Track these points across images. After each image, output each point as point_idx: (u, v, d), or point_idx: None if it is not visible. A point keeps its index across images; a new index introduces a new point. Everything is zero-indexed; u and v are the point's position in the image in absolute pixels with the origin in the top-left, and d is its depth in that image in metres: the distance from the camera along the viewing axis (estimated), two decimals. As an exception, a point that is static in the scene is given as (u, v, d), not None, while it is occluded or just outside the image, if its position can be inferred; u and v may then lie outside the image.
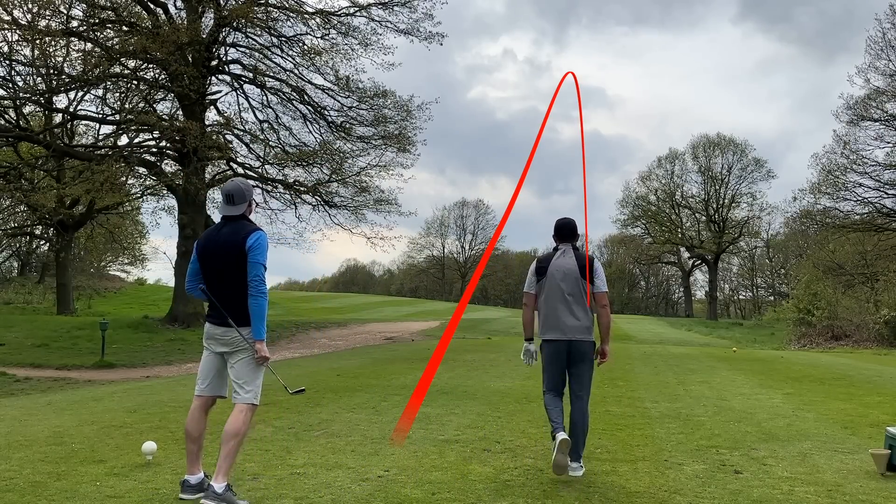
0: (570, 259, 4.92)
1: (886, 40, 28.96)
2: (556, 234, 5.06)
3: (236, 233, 4.10)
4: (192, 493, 3.97)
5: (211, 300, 4.14)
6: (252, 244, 4.03)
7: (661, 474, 4.83)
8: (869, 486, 4.52)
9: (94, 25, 21.47)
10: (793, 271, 48.31)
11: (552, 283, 4.89)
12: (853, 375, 11.87)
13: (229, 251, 4.07)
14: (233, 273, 4.05)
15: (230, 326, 4.06)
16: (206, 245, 4.20)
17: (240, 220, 4.18)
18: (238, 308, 4.05)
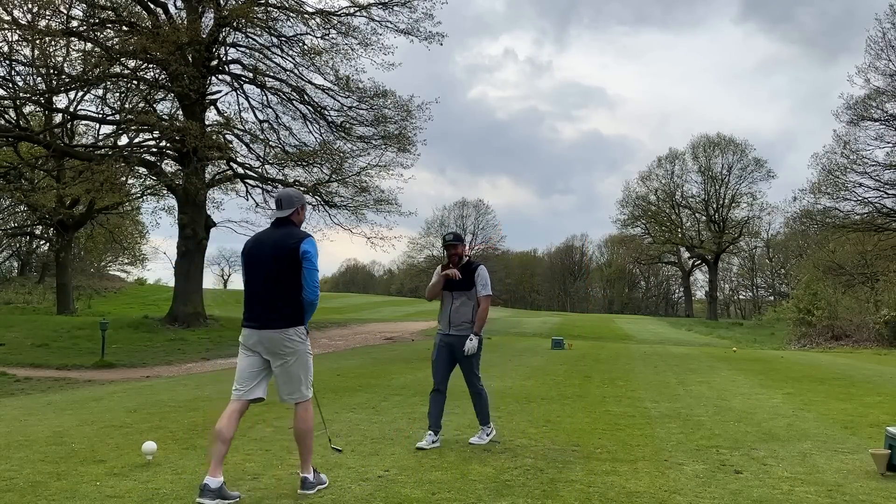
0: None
1: (886, 40, 28.96)
2: None
3: (287, 238, 4.20)
4: (212, 497, 3.89)
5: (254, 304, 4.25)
6: (306, 250, 4.16)
7: (661, 474, 4.83)
8: (869, 486, 4.52)
9: (94, 25, 21.47)
10: (793, 271, 48.33)
11: None
12: (853, 375, 11.87)
13: (280, 255, 4.16)
14: (283, 277, 4.15)
15: (277, 329, 4.15)
16: (253, 250, 4.29)
17: (288, 226, 4.30)
18: (286, 310, 4.16)
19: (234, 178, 25.77)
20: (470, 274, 5.74)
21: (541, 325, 33.83)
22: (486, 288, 5.75)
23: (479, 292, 5.73)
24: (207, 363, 16.14)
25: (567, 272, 77.37)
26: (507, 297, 75.57)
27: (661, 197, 57.02)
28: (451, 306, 5.69)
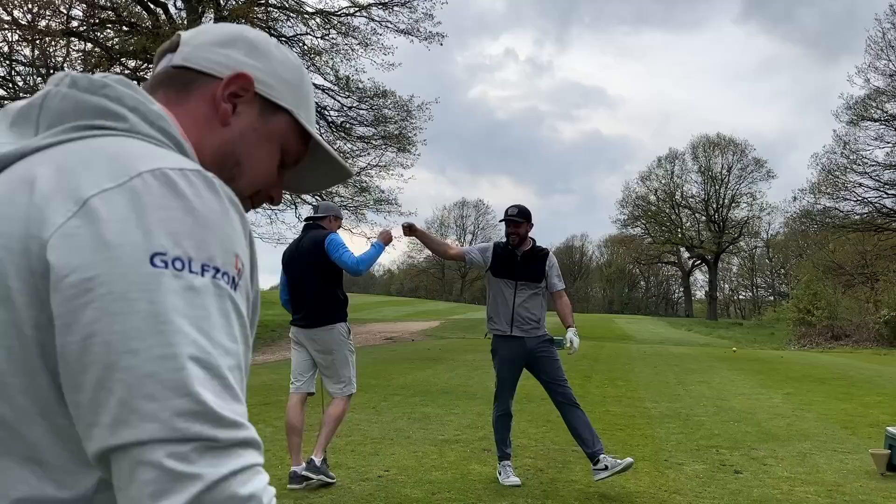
0: None
1: (886, 40, 28.99)
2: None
3: (316, 237, 4.51)
4: (299, 482, 4.26)
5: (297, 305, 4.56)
6: (331, 239, 4.42)
7: (660, 474, 4.84)
8: (869, 486, 4.54)
9: (94, 25, 21.48)
10: (793, 271, 48.38)
11: None
12: (853, 375, 11.89)
13: (306, 257, 4.47)
14: (311, 276, 4.44)
15: (320, 326, 4.41)
16: (292, 254, 4.64)
17: (318, 229, 4.61)
18: (322, 308, 4.42)
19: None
20: (539, 262, 4.67)
21: (540, 325, 33.75)
22: (562, 281, 4.80)
23: (553, 286, 4.75)
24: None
25: (567, 272, 77.45)
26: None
27: (661, 197, 57.07)
28: (514, 301, 4.60)
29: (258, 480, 0.61)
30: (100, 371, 0.58)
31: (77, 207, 0.61)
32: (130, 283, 0.59)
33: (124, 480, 0.58)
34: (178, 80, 0.81)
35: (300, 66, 0.88)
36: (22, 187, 0.64)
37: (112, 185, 0.62)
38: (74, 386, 0.60)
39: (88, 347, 0.59)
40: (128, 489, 0.58)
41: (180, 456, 0.57)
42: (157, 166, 0.65)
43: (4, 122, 0.73)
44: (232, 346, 0.63)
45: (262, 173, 0.84)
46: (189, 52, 0.82)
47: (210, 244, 0.64)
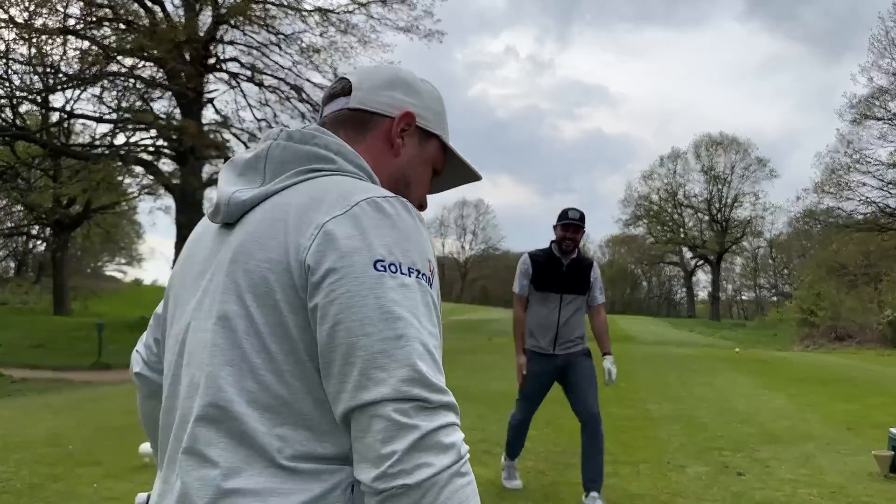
0: None
1: (889, 39, 28.90)
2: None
3: None
4: None
5: None
6: None
7: (663, 476, 4.78)
8: (872, 488, 4.48)
9: (91, 24, 21.42)
10: (796, 271, 48.28)
11: None
12: (856, 376, 11.83)
13: None
14: None
15: None
16: None
17: None
18: None
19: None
20: (584, 272, 4.27)
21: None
22: (603, 295, 4.40)
23: (595, 300, 4.37)
24: (206, 363, 16.10)
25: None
26: (508, 298, 75.45)
27: (664, 196, 57.05)
28: (560, 316, 4.19)
29: (457, 435, 0.81)
30: (344, 350, 0.81)
31: (317, 231, 0.85)
32: (361, 284, 0.82)
33: (361, 431, 0.80)
34: (356, 120, 1.03)
35: (440, 95, 1.13)
36: (276, 225, 0.88)
37: (339, 212, 0.86)
38: (327, 364, 0.83)
39: (335, 333, 0.81)
40: (364, 438, 0.79)
41: (403, 412, 0.78)
42: (369, 196, 0.88)
43: (233, 173, 0.97)
44: (434, 330, 0.84)
45: (423, 189, 1.07)
46: (362, 96, 1.03)
47: (412, 252, 0.86)
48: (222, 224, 0.96)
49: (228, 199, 0.93)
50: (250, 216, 0.91)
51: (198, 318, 0.91)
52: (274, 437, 0.84)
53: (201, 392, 0.86)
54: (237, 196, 0.93)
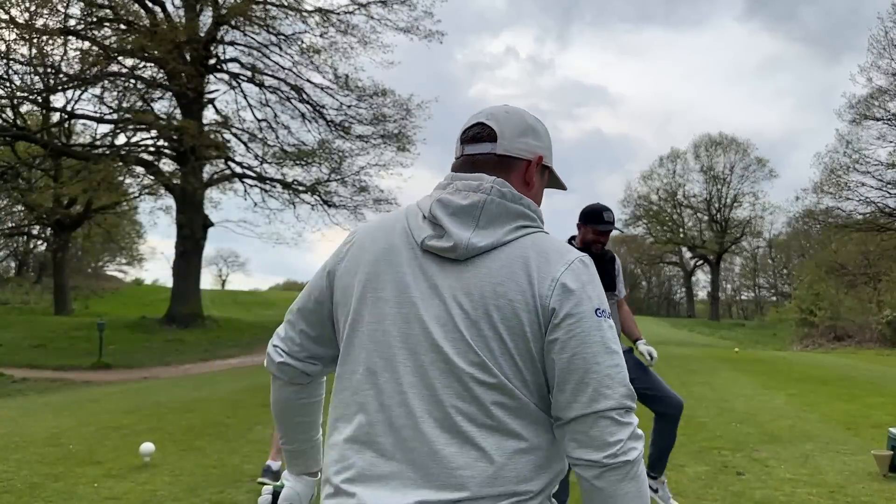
0: None
1: (889, 39, 28.87)
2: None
3: None
4: (272, 478, 4.19)
5: None
6: None
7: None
8: (871, 488, 4.48)
9: (91, 24, 21.43)
10: (795, 271, 48.29)
11: None
12: (855, 376, 11.83)
13: None
14: None
15: None
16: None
17: None
18: None
19: (232, 177, 25.73)
20: (609, 266, 4.05)
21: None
22: (624, 286, 4.29)
23: (619, 293, 4.22)
24: (205, 364, 16.10)
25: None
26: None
27: (663, 196, 57.03)
28: None
29: (640, 430, 1.16)
30: (580, 374, 1.12)
31: (554, 284, 1.14)
32: (590, 326, 1.14)
33: (588, 427, 1.12)
34: (503, 164, 1.25)
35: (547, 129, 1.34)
36: (518, 274, 1.15)
37: (564, 268, 1.16)
38: (562, 382, 1.13)
39: (573, 361, 1.13)
40: (589, 432, 1.12)
41: (621, 414, 1.12)
42: (577, 256, 1.19)
43: (444, 212, 1.18)
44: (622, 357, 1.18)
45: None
46: (507, 144, 1.26)
47: (604, 301, 1.18)
48: (428, 252, 1.19)
49: (467, 244, 1.16)
50: (485, 260, 1.17)
51: (419, 327, 1.16)
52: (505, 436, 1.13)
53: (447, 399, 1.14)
54: (474, 242, 1.16)
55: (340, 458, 1.17)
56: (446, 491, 1.09)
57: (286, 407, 1.38)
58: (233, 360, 16.90)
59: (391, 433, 1.14)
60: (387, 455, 1.13)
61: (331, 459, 1.19)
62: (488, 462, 1.11)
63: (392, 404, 1.15)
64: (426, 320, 1.16)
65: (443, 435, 1.11)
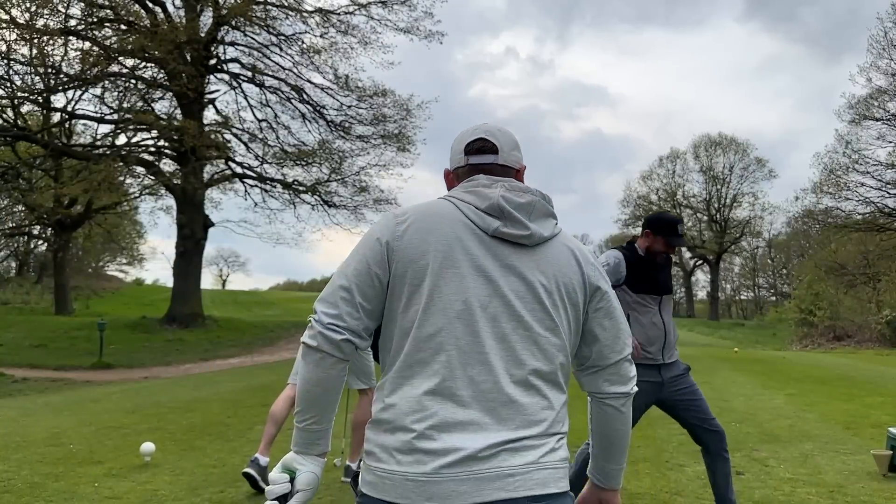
0: None
1: (888, 39, 28.89)
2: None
3: None
4: (257, 471, 4.17)
5: None
6: None
7: (662, 476, 4.80)
8: (871, 487, 4.49)
9: (92, 24, 21.43)
10: (795, 271, 48.29)
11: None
12: (855, 376, 11.84)
13: None
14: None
15: None
16: None
17: None
18: None
19: (233, 177, 25.75)
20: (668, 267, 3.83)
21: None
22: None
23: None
24: (206, 364, 16.10)
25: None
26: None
27: (663, 197, 57.01)
28: (664, 319, 3.67)
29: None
30: (615, 332, 1.51)
31: (594, 268, 1.51)
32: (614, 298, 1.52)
33: (619, 368, 1.52)
34: (504, 172, 1.53)
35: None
36: (570, 258, 1.48)
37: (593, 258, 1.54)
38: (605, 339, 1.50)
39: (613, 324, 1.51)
40: (619, 370, 1.52)
41: (629, 360, 1.54)
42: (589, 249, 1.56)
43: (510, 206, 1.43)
44: None
45: None
46: (506, 156, 1.54)
47: None
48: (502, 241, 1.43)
49: (539, 233, 1.44)
50: (546, 247, 1.46)
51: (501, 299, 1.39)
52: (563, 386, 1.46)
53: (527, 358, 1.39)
54: (541, 232, 1.45)
55: (420, 408, 1.32)
56: (522, 429, 1.34)
57: (331, 386, 1.42)
58: (233, 360, 16.91)
59: (470, 387, 1.33)
60: (465, 405, 1.32)
61: (406, 409, 1.33)
62: (551, 409, 1.39)
63: (473, 363, 1.35)
64: (506, 293, 1.39)
65: (518, 388, 1.36)
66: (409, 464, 1.30)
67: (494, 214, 1.41)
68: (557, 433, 1.39)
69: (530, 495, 1.30)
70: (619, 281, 3.65)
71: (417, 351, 1.36)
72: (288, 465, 1.45)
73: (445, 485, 1.27)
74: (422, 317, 1.36)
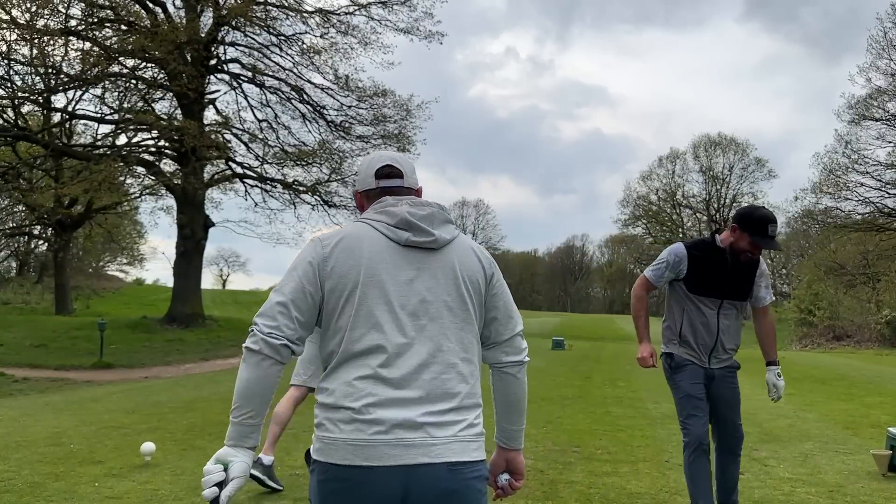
0: None
1: (888, 39, 28.90)
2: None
3: None
4: (262, 472, 4.18)
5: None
6: None
7: (661, 475, 4.81)
8: (870, 487, 4.50)
9: (92, 24, 21.43)
10: (794, 271, 48.32)
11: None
12: (854, 376, 11.85)
13: None
14: None
15: None
16: None
17: None
18: None
19: (233, 177, 25.74)
20: (749, 271, 3.55)
21: (541, 325, 33.82)
22: (770, 293, 3.76)
23: (761, 300, 3.73)
24: (206, 364, 16.11)
25: (567, 272, 77.41)
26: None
27: (662, 197, 57.04)
28: (719, 326, 3.57)
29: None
30: (508, 311, 1.82)
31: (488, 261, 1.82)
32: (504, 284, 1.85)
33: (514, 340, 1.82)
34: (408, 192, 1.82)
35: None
36: (471, 253, 1.78)
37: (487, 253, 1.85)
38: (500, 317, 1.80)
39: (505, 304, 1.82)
40: (513, 342, 1.82)
41: (521, 336, 1.85)
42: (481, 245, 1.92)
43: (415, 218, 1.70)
44: None
45: None
46: (408, 179, 1.83)
47: None
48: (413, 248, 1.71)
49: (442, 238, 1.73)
50: (450, 249, 1.75)
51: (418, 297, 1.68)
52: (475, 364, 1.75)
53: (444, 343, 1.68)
54: (444, 237, 1.74)
55: (356, 391, 1.60)
56: (441, 402, 1.62)
57: (267, 385, 1.63)
58: (233, 360, 16.90)
59: (397, 371, 1.61)
60: (394, 386, 1.60)
61: (345, 392, 1.61)
62: (466, 384, 1.68)
63: (400, 352, 1.63)
64: (422, 291, 1.68)
65: (437, 368, 1.64)
66: (349, 432, 1.58)
67: (403, 227, 1.70)
68: (473, 404, 1.70)
69: (448, 461, 1.60)
70: (678, 276, 3.48)
71: (351, 348, 1.64)
72: (222, 459, 1.61)
73: (379, 448, 1.56)
74: (353, 321, 1.64)
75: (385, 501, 1.56)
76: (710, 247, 3.47)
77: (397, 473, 1.55)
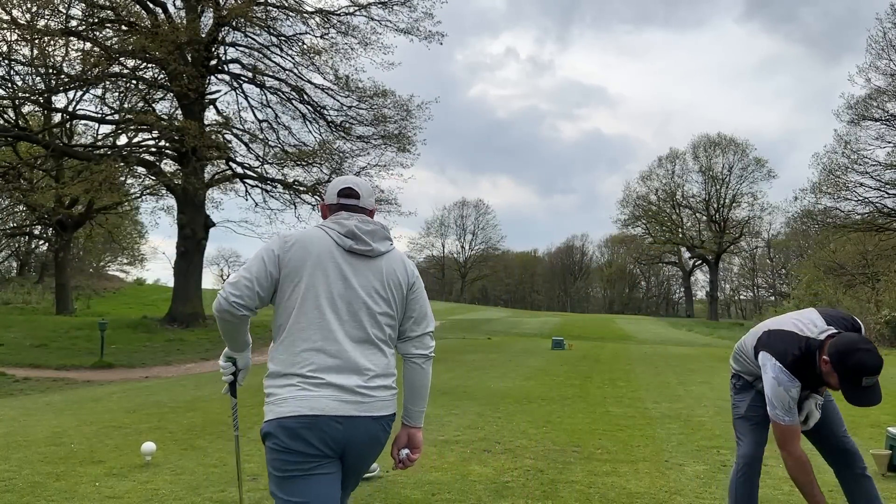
0: None
1: (887, 40, 28.93)
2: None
3: None
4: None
5: None
6: None
7: (661, 475, 4.81)
8: (870, 487, 4.50)
9: (93, 25, 21.44)
10: (794, 271, 48.32)
11: None
12: (854, 375, 11.84)
13: None
14: None
15: None
16: None
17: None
18: None
19: (234, 177, 25.76)
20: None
21: (541, 325, 33.82)
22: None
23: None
24: (206, 363, 16.11)
25: (567, 272, 77.43)
26: (508, 298, 75.55)
27: (662, 197, 57.09)
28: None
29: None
30: (422, 310, 2.31)
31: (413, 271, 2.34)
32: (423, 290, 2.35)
33: (423, 339, 2.30)
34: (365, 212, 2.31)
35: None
36: (399, 266, 2.28)
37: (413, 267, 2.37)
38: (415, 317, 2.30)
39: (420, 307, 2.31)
40: (423, 339, 2.30)
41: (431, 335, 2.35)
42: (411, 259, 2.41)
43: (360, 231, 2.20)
44: None
45: None
46: (364, 201, 2.31)
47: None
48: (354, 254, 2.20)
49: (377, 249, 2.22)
50: (383, 259, 2.23)
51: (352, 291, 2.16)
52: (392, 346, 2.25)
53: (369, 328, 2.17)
54: (379, 248, 2.22)
55: (302, 360, 2.08)
56: (367, 370, 2.12)
57: (239, 329, 2.24)
58: (233, 360, 16.89)
59: (334, 346, 2.10)
60: (332, 356, 2.09)
61: (292, 361, 2.09)
62: (385, 358, 2.19)
63: (335, 329, 2.12)
64: (356, 287, 2.16)
65: (362, 345, 2.15)
66: (297, 389, 2.05)
67: (349, 237, 2.18)
68: (388, 373, 2.18)
69: (374, 415, 2.11)
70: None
71: (297, 325, 2.11)
72: (229, 356, 2.34)
73: (322, 401, 2.04)
74: (300, 303, 2.13)
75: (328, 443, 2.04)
76: (811, 361, 2.99)
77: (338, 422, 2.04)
